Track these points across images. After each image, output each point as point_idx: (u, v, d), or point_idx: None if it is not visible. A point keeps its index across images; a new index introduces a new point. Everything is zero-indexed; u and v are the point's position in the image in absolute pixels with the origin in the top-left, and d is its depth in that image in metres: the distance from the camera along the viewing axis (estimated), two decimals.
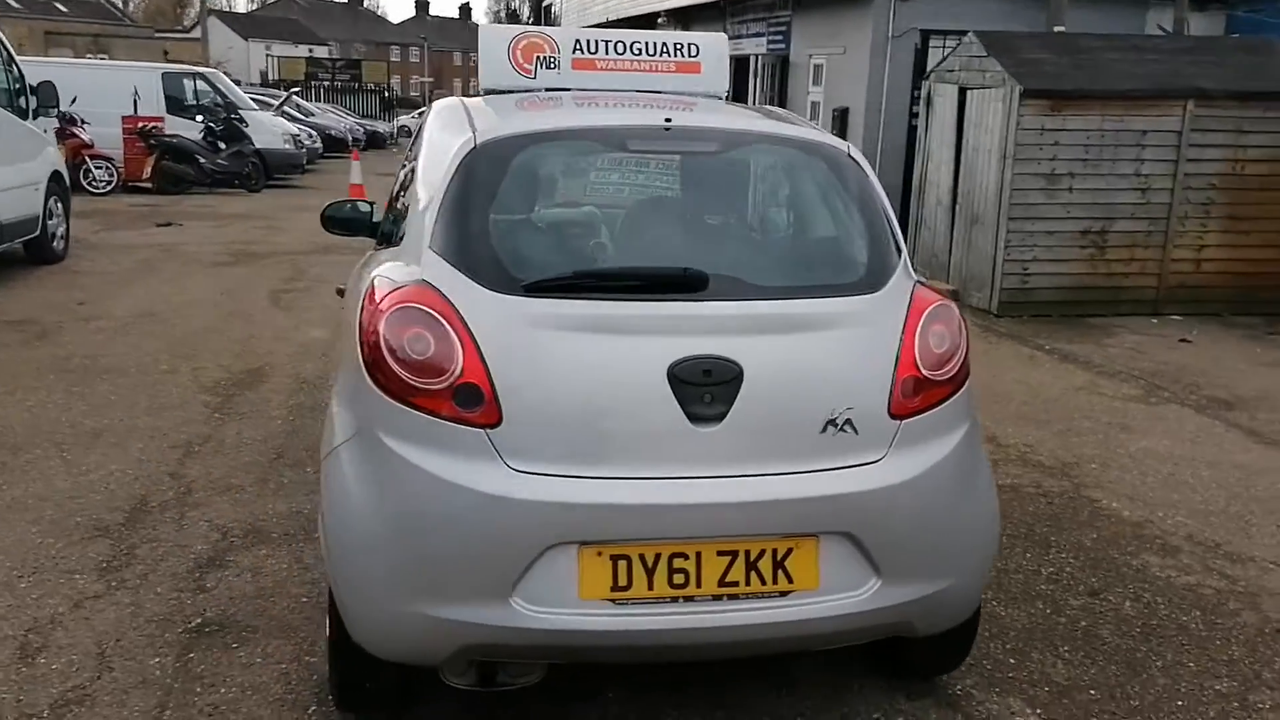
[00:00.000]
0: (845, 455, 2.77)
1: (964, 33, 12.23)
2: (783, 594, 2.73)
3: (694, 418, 2.66)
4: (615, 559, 2.66)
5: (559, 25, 37.82)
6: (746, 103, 15.46)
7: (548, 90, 4.08)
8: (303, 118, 27.87)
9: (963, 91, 10.15)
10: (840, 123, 12.96)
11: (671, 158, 3.18)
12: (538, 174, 3.08)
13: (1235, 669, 3.53)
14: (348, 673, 3.00)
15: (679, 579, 2.68)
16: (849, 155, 3.15)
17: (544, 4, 47.45)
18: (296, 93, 32.59)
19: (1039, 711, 3.25)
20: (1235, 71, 9.66)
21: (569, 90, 4.05)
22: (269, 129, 20.79)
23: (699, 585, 2.69)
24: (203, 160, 18.61)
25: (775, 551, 2.72)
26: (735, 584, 2.71)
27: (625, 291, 2.74)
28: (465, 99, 3.77)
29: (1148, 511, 4.91)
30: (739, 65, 16.77)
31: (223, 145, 19.14)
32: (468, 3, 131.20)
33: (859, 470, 2.77)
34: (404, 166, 4.52)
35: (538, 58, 4.05)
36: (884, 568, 2.79)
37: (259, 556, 4.19)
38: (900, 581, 2.81)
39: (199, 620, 3.67)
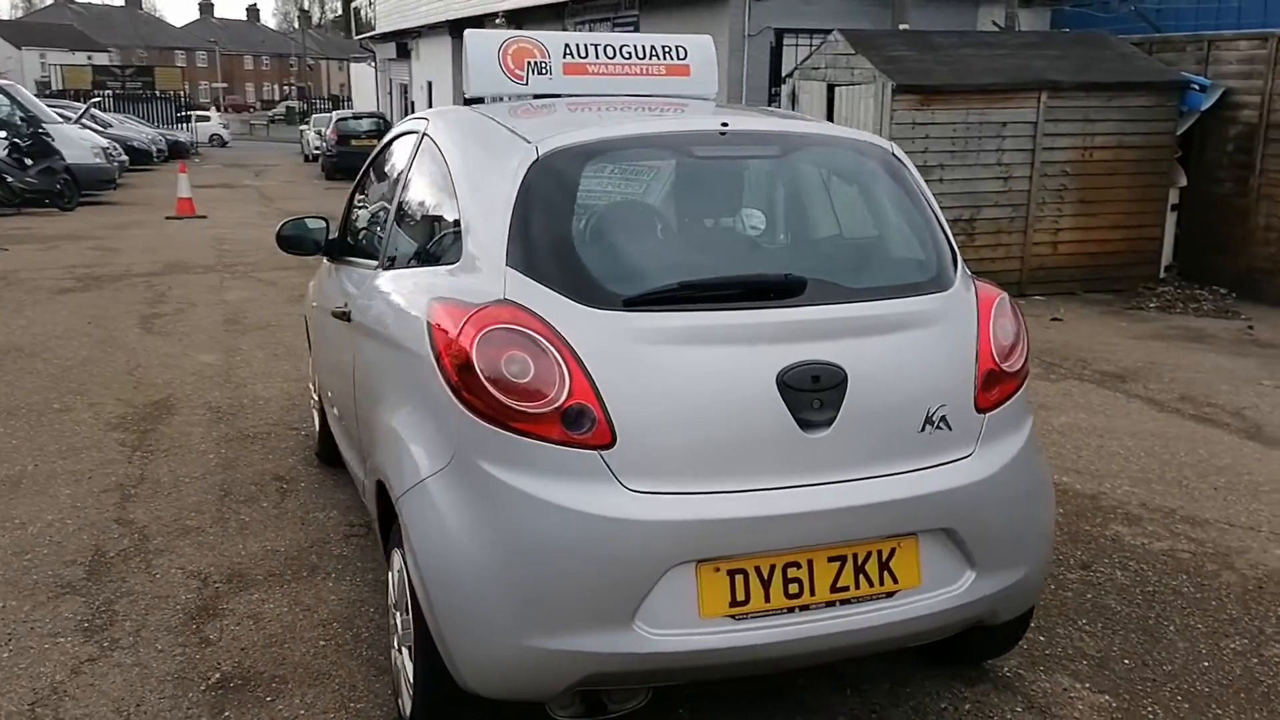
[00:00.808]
0: (942, 452, 2.82)
1: (815, 31, 12.65)
2: (889, 595, 2.75)
3: (804, 424, 2.64)
4: (732, 574, 2.61)
5: (373, 28, 36.80)
6: None
7: (537, 97, 3.97)
8: (100, 129, 26.09)
9: (831, 88, 10.47)
10: None
11: (736, 163, 3.15)
12: (607, 183, 2.98)
13: (1240, 626, 3.78)
14: (437, 717, 2.84)
15: (794, 589, 2.66)
16: (894, 155, 3.19)
17: (353, 5, 46.08)
18: (98, 103, 30.51)
19: (1088, 685, 3.39)
20: (1077, 64, 10.33)
21: (561, 96, 3.95)
22: (78, 143, 19.36)
23: (813, 593, 2.68)
24: (10, 179, 17.20)
25: (880, 553, 2.74)
26: (846, 589, 2.71)
27: (724, 300, 2.69)
28: (481, 107, 3.62)
29: (1096, 484, 5.20)
30: None
31: (29, 162, 17.72)
32: (255, 4, 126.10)
33: (955, 466, 2.82)
34: (378, 181, 4.34)
35: (529, 63, 3.93)
36: (978, 560, 2.85)
37: (252, 601, 3.91)
38: (991, 572, 2.88)
39: (217, 675, 3.40)
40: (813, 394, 2.64)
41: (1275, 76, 9.63)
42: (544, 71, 3.92)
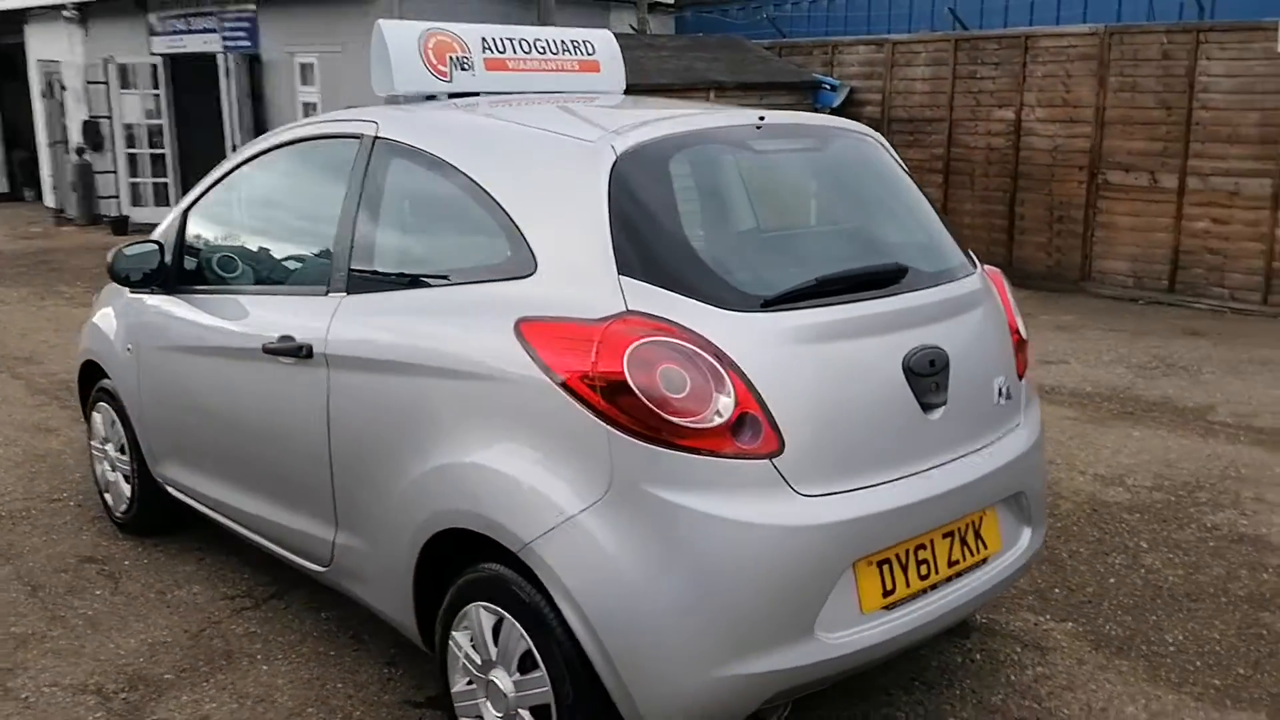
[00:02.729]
0: (1009, 421, 3.03)
1: None
2: (983, 561, 2.92)
3: (925, 408, 2.72)
4: (880, 565, 2.65)
5: None
6: (224, 107, 14.22)
7: (453, 96, 3.65)
8: None
9: None
10: None
11: (790, 155, 3.10)
12: (689, 180, 2.81)
13: (1110, 545, 4.41)
14: None
15: (923, 570, 2.75)
16: (885, 143, 3.34)
17: None
18: None
19: (1049, 616, 3.80)
20: (730, 65, 11.18)
21: (483, 93, 3.66)
22: None
23: (937, 571, 2.79)
24: None
25: (974, 523, 2.90)
26: (957, 562, 2.84)
27: (846, 292, 2.69)
28: (435, 106, 3.25)
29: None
30: (192, 68, 15.30)
31: None
32: None
33: (1016, 434, 3.05)
34: (274, 201, 3.75)
35: (450, 58, 3.60)
36: (1034, 518, 3.10)
37: (185, 705, 3.26)
38: (1038, 528, 3.14)
39: None
40: (930, 377, 2.72)
41: (893, 77, 11.04)
42: (467, 67, 3.62)
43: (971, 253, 3.26)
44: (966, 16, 10.99)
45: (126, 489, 4.47)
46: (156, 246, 3.92)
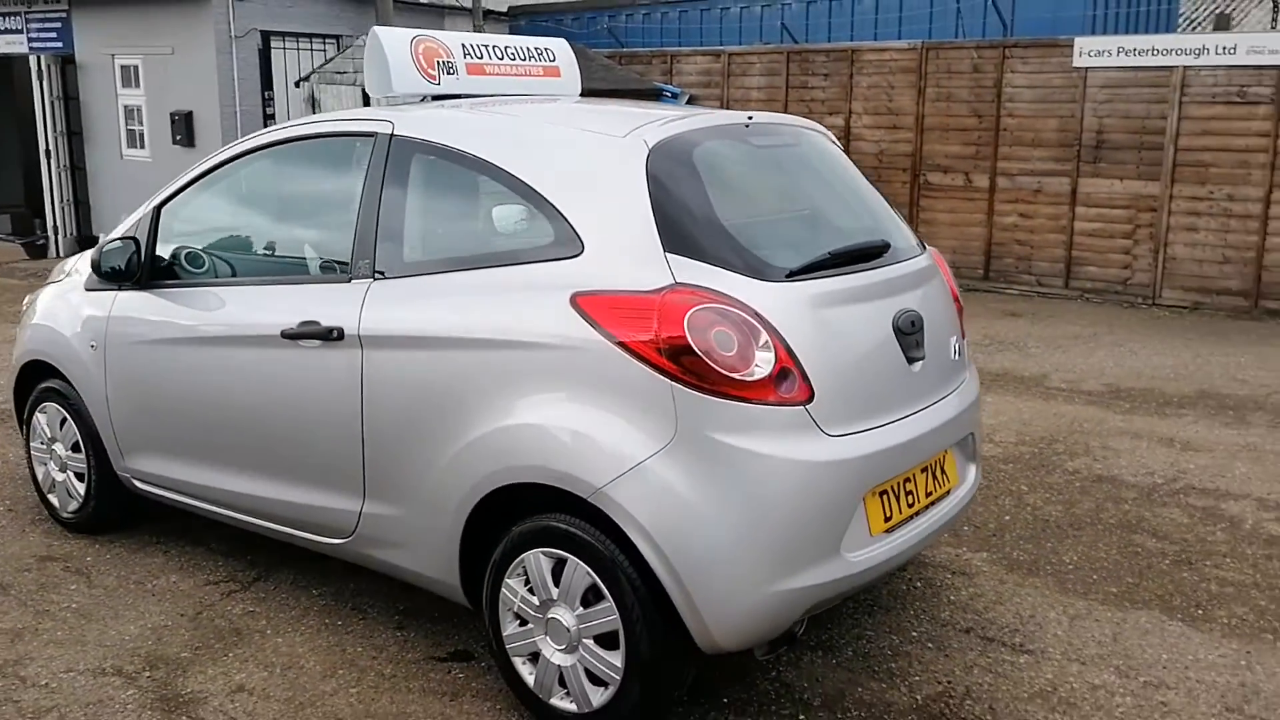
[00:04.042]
0: (961, 373, 3.59)
1: (302, 35, 12.45)
2: (948, 493, 3.46)
3: (910, 360, 3.22)
4: (882, 495, 3.13)
5: None
6: (37, 110, 13.43)
7: (436, 98, 3.91)
8: None
9: (365, 92, 10.50)
10: (185, 127, 12.14)
11: (778, 150, 3.52)
12: (712, 169, 3.18)
13: (998, 489, 5.08)
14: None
15: (910, 499, 3.26)
16: (833, 139, 3.84)
17: None
18: None
19: (967, 548, 4.41)
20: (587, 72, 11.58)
21: (465, 95, 3.94)
22: None
23: (919, 500, 3.30)
24: None
25: (940, 460, 3.43)
26: (931, 493, 3.37)
27: (848, 264, 3.15)
28: (448, 105, 3.49)
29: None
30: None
31: None
32: None
33: (968, 383, 3.61)
34: (274, 199, 3.87)
35: (438, 62, 3.85)
36: (976, 457, 3.67)
37: (213, 678, 3.39)
38: (978, 465, 3.72)
39: None
40: (912, 335, 3.23)
41: (730, 86, 11.75)
42: (452, 71, 3.89)
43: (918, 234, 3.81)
44: (794, 32, 11.83)
45: (80, 487, 4.45)
46: (131, 242, 3.98)
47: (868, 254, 3.26)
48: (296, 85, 11.59)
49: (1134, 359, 7.83)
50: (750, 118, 3.43)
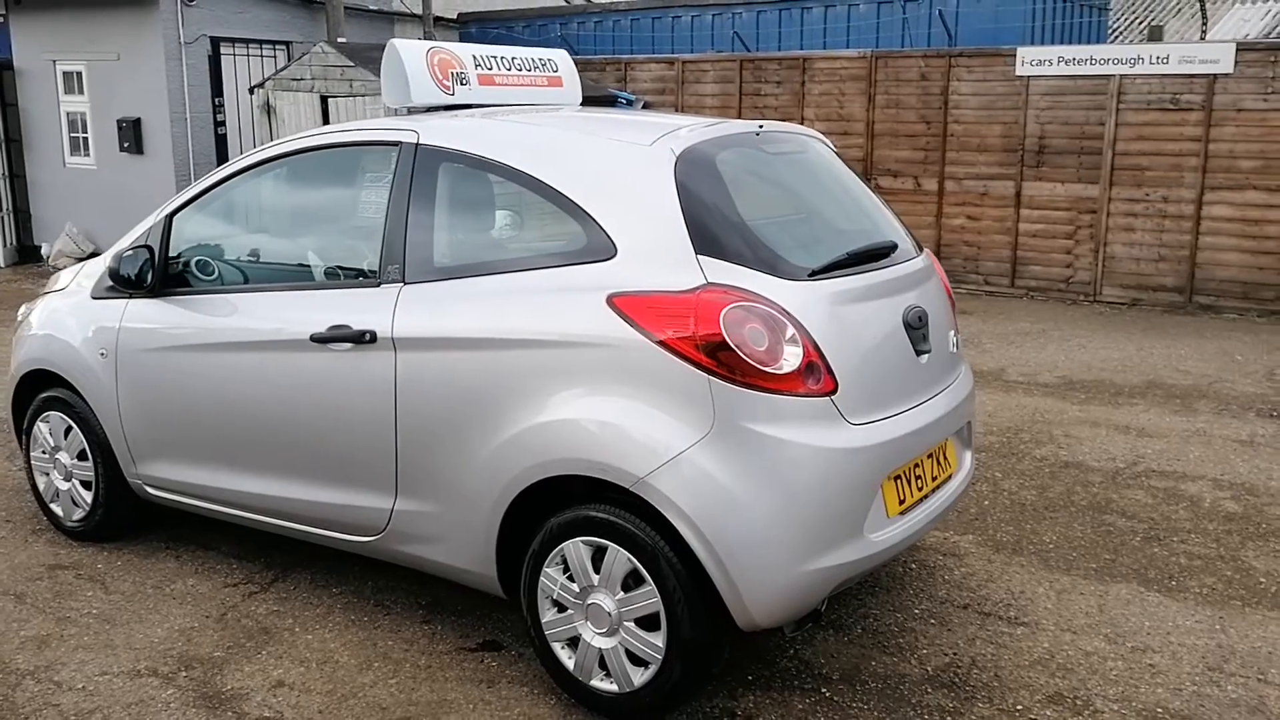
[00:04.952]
0: (958, 366, 3.82)
1: (252, 41, 12.38)
2: (949, 477, 3.69)
3: (918, 353, 3.44)
4: (896, 479, 3.34)
5: None
6: None
7: (448, 107, 4.04)
8: None
9: (325, 100, 10.53)
10: (133, 133, 11.98)
11: (787, 157, 3.70)
12: (733, 175, 3.35)
13: (978, 475, 5.34)
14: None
15: (919, 484, 3.47)
16: (832, 146, 4.06)
17: None
18: None
19: (953, 531, 4.64)
20: None
21: (478, 105, 4.07)
22: None
23: (927, 484, 3.51)
24: None
25: (943, 447, 3.65)
26: (936, 477, 3.59)
27: (861, 264, 3.36)
28: (470, 115, 3.61)
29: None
30: None
31: None
32: None
33: (965, 375, 3.84)
34: (291, 207, 3.97)
35: (452, 73, 3.98)
36: (971, 444, 3.91)
37: (251, 675, 3.48)
38: (973, 452, 3.95)
39: None
40: (920, 330, 3.44)
41: (684, 93, 11.97)
42: (465, 82, 4.02)
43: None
44: (745, 40, 12.09)
45: (86, 495, 4.48)
46: (144, 250, 4.03)
47: (878, 254, 3.47)
48: (250, 92, 11.54)
49: (1083, 353, 8.20)
50: (761, 126, 3.62)
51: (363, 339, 3.48)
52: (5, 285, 11.46)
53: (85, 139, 12.73)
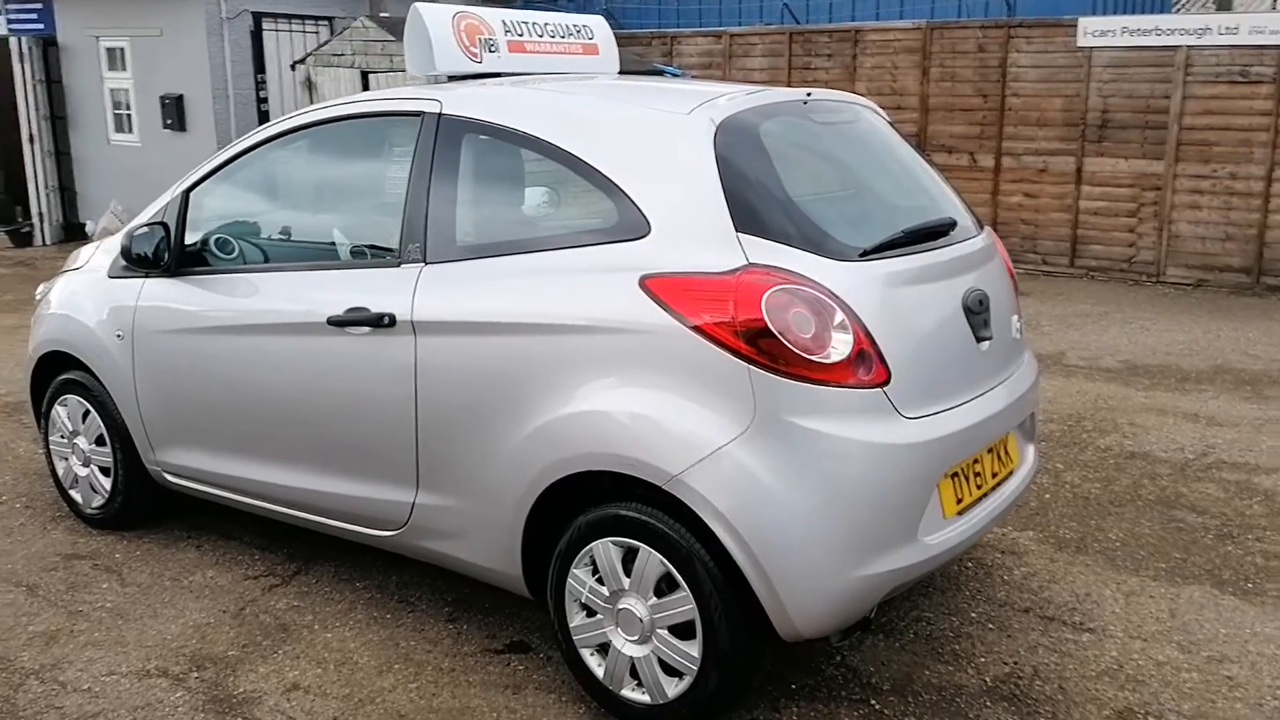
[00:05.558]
0: (1023, 353, 3.53)
1: (294, 16, 12.23)
2: (1011, 473, 3.40)
3: (979, 339, 3.16)
4: (953, 477, 3.07)
5: None
6: (18, 93, 13.14)
7: (477, 76, 3.81)
8: None
9: (365, 75, 10.35)
10: (175, 111, 11.91)
11: (838, 127, 3.43)
12: (777, 147, 3.09)
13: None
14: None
15: (978, 481, 3.20)
16: (886, 116, 3.77)
17: None
18: None
19: (1010, 528, 4.36)
20: None
21: (507, 74, 3.84)
22: None
23: (987, 481, 3.24)
24: None
25: (1004, 441, 3.37)
26: (997, 474, 3.31)
27: (917, 243, 3.08)
28: (497, 83, 3.38)
29: None
30: None
31: None
32: None
33: (1029, 363, 3.55)
34: (305, 181, 3.76)
35: (480, 40, 3.75)
36: (1034, 437, 3.62)
37: (264, 676, 3.30)
38: (1036, 445, 3.66)
39: None
40: (980, 314, 3.16)
41: (731, 67, 11.65)
42: (494, 49, 3.78)
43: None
44: (795, 12, 11.72)
45: (105, 482, 4.33)
46: (159, 228, 3.86)
47: (935, 232, 3.19)
48: (292, 68, 11.39)
49: (1146, 336, 7.82)
50: (809, 94, 3.35)
51: (381, 322, 3.27)
52: (51, 263, 11.45)
53: (129, 116, 12.68)
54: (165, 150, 12.24)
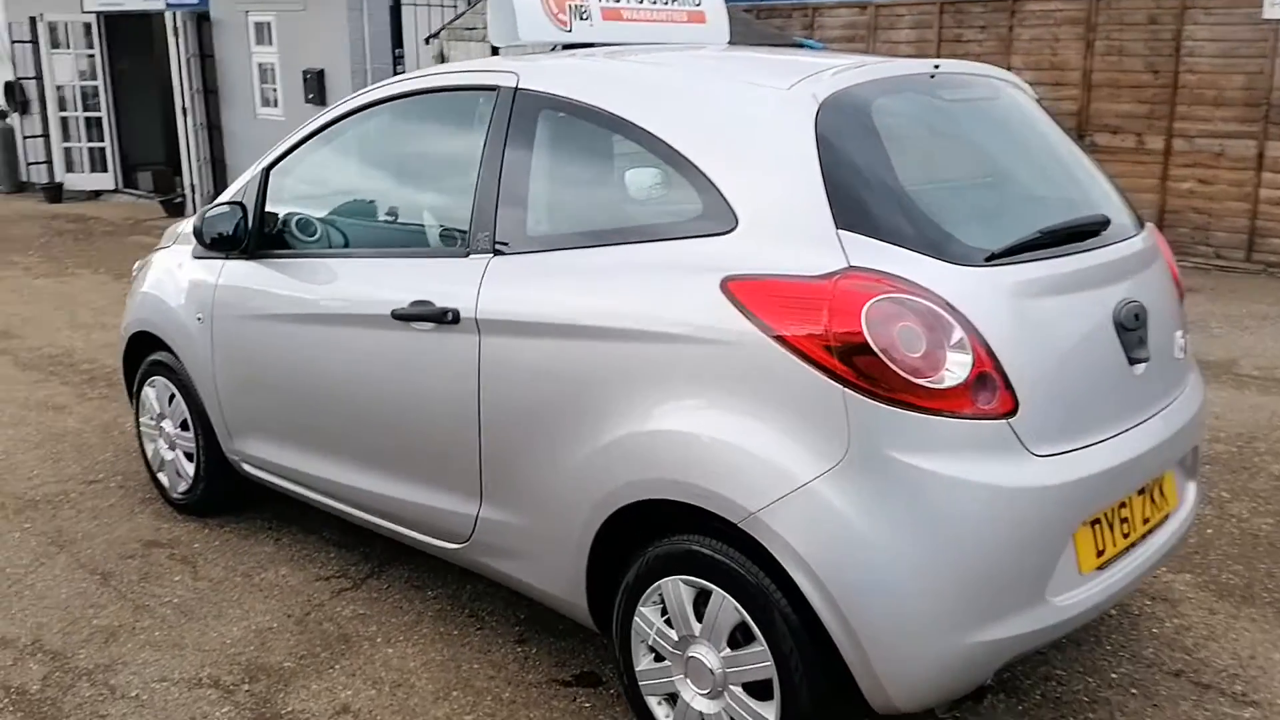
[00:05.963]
0: (1187, 375, 2.99)
1: None
2: (1166, 518, 2.88)
3: (1132, 361, 2.65)
4: (1093, 525, 2.58)
5: None
6: (173, 67, 13.54)
7: (567, 46, 3.47)
8: None
9: (494, 49, 10.16)
10: (317, 85, 12.04)
11: (972, 105, 2.97)
12: (893, 128, 2.66)
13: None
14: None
15: (1125, 528, 2.70)
16: (1034, 94, 3.25)
17: None
18: None
19: (1168, 570, 3.79)
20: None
21: (599, 44, 3.49)
22: None
23: (1135, 529, 2.73)
24: None
25: (1159, 481, 2.84)
26: (1149, 519, 2.79)
27: (1059, 245, 2.60)
28: (587, 54, 3.05)
29: None
30: (130, 28, 14.59)
31: None
32: None
33: (1194, 385, 3.01)
34: (378, 159, 3.53)
35: (570, 6, 3.41)
36: (1195, 472, 3.07)
37: (318, 694, 3.07)
38: (1198, 482, 3.11)
39: None
40: (1135, 331, 2.65)
41: (876, 40, 11.01)
42: (585, 17, 3.44)
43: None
44: None
45: (189, 467, 4.21)
46: (238, 208, 3.66)
47: (1083, 232, 2.68)
48: (426, 42, 11.32)
49: None
50: (937, 66, 2.87)
51: (445, 319, 2.97)
52: None
53: (275, 90, 12.89)
54: None
